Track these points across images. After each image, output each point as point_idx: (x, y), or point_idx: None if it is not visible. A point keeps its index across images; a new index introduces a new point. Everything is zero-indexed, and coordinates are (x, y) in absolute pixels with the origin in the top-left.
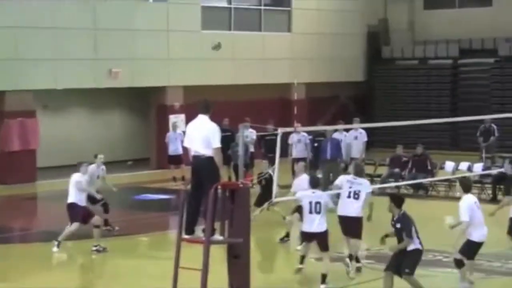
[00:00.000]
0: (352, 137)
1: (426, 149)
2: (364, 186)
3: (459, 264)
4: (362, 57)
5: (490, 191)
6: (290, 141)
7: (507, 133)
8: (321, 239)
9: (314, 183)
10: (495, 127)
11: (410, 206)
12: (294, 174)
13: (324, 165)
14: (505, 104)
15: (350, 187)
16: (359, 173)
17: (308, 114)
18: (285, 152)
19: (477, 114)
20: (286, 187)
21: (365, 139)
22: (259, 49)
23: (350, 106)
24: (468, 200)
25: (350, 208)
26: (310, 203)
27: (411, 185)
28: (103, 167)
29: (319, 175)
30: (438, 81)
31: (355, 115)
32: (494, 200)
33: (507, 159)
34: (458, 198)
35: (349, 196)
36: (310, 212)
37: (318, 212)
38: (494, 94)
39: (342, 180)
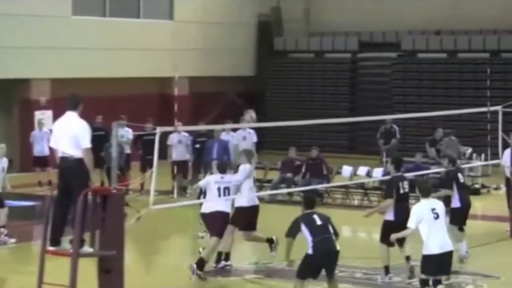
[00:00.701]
0: (240, 138)
1: (321, 152)
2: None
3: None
4: (252, 50)
5: None
6: (169, 142)
7: (410, 135)
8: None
9: (222, 168)
10: (396, 128)
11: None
12: (174, 178)
13: (209, 168)
14: (408, 103)
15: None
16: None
17: (191, 112)
18: (164, 154)
19: (377, 113)
20: (166, 193)
21: (255, 140)
22: (137, 38)
23: (238, 104)
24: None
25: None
26: (219, 188)
27: (304, 192)
28: (6, 159)
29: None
30: (335, 76)
31: (243, 113)
32: None
33: (391, 160)
34: (356, 206)
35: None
36: (219, 196)
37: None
38: (396, 92)
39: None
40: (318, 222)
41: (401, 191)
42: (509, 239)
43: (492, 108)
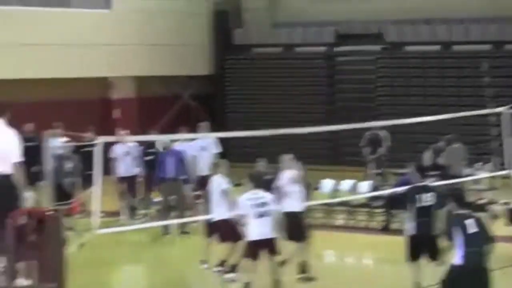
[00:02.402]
0: (198, 148)
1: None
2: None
3: None
4: (207, 44)
5: (381, 218)
6: (113, 154)
7: (401, 142)
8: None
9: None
10: (384, 134)
11: None
12: (121, 196)
13: (163, 185)
14: (396, 104)
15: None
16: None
17: (138, 118)
18: (109, 168)
19: (360, 117)
20: (113, 214)
21: (215, 150)
22: (68, 31)
23: (195, 108)
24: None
25: None
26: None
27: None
28: None
29: (156, 199)
30: (309, 74)
31: (201, 119)
32: (386, 229)
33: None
34: (338, 227)
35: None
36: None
37: None
38: (381, 92)
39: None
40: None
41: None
42: None
43: (496, 110)
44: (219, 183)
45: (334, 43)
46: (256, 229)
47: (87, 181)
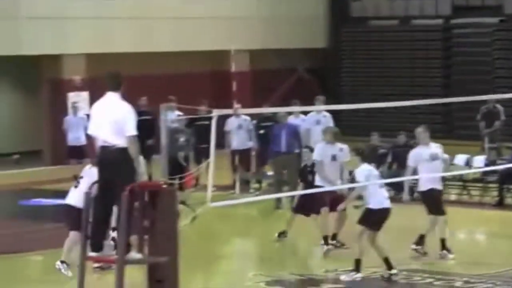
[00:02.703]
0: (313, 122)
1: (411, 138)
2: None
3: None
4: (324, 16)
5: (495, 193)
6: (227, 127)
7: None
8: None
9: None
10: (500, 108)
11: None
12: (235, 170)
13: (276, 159)
14: None
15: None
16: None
17: (252, 91)
18: (222, 142)
19: (476, 90)
20: (226, 188)
21: (331, 124)
22: (186, 5)
23: (309, 81)
24: None
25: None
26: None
27: (391, 185)
28: None
29: (269, 172)
30: (425, 47)
31: (316, 93)
32: (500, 204)
33: None
34: (451, 202)
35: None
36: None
37: None
38: (498, 65)
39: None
40: None
41: None
42: None
43: None
44: (326, 150)
45: (451, 16)
46: (378, 199)
47: (201, 155)
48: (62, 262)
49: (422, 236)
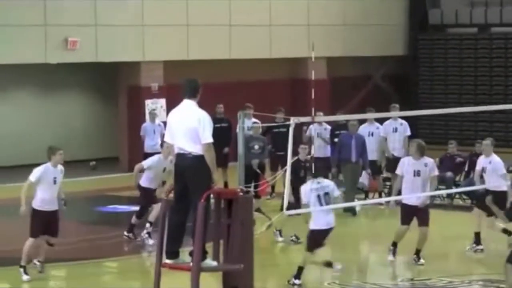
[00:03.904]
0: (390, 130)
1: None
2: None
3: None
4: (402, 24)
5: None
6: (309, 133)
7: None
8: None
9: None
10: None
11: (466, 222)
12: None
13: (347, 168)
14: None
15: None
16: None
17: (329, 99)
18: (296, 150)
19: None
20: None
21: (408, 132)
22: (265, 12)
23: (386, 89)
24: None
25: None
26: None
27: (468, 194)
28: (62, 167)
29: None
30: (504, 55)
31: (392, 100)
32: None
33: None
34: None
35: None
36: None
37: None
38: None
39: None
40: None
41: None
42: None
43: None
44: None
45: None
46: None
47: (278, 162)
48: None
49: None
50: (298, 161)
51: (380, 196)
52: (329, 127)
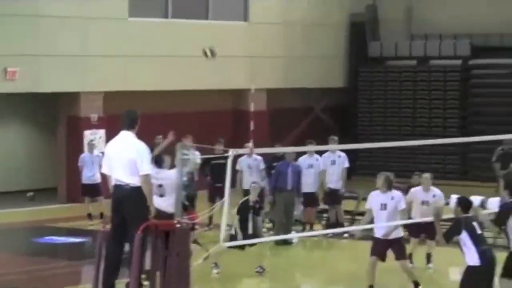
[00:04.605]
0: (329, 162)
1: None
2: None
3: None
4: (342, 56)
5: None
6: (238, 166)
7: None
8: None
9: None
10: None
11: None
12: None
13: (281, 195)
14: None
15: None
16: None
17: (269, 131)
18: (234, 181)
19: (494, 132)
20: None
21: (346, 164)
22: (206, 43)
23: (326, 121)
24: None
25: None
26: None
27: (406, 226)
28: None
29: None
30: (443, 88)
31: (332, 132)
32: None
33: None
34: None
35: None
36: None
37: None
38: None
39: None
40: (478, 231)
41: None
42: None
43: None
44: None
45: (470, 56)
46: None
47: (216, 194)
48: None
49: None
50: (246, 203)
51: (311, 228)
52: (259, 158)
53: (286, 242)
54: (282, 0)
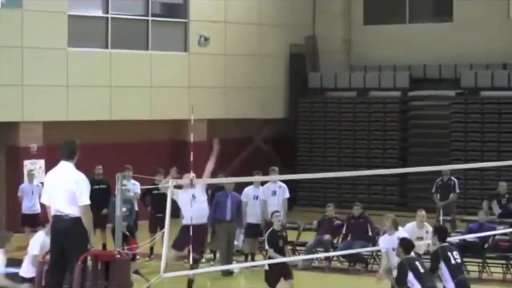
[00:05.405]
0: (269, 193)
1: (366, 210)
2: None
3: None
4: (282, 87)
5: None
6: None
7: (472, 189)
8: None
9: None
10: (455, 181)
11: (345, 284)
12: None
13: (221, 226)
14: (469, 150)
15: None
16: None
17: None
18: (176, 212)
19: (432, 163)
20: (180, 258)
21: (287, 195)
22: (145, 73)
23: (267, 151)
24: None
25: None
26: None
27: (346, 257)
28: None
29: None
30: (382, 119)
31: (273, 163)
32: None
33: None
34: None
35: None
36: None
37: None
38: (455, 137)
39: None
40: (422, 269)
41: (453, 262)
42: None
43: None
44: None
45: (409, 88)
46: None
47: (157, 224)
48: None
49: None
50: (274, 232)
51: (253, 258)
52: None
53: (228, 273)
54: (222, 31)
